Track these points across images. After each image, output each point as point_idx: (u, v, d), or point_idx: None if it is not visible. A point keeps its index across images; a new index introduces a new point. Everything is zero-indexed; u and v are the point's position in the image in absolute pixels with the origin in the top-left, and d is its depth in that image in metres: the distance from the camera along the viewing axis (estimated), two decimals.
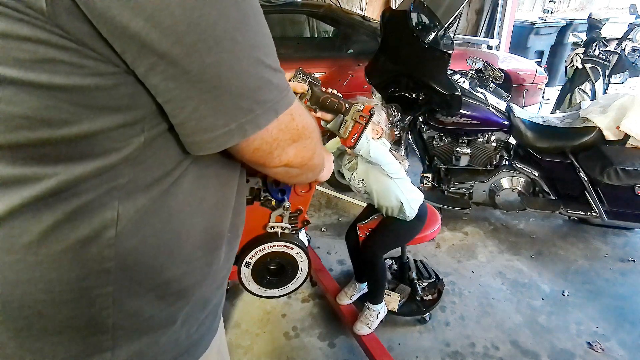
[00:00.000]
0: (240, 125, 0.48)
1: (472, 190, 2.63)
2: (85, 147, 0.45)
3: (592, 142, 2.29)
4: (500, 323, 1.97)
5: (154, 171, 0.50)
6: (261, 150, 0.53)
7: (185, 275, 0.57)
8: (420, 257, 2.33)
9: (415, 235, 1.72)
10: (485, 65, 2.65)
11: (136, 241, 0.50)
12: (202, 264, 0.60)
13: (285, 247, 1.35)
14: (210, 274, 0.62)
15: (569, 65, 3.99)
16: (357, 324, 1.75)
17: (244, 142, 0.50)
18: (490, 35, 5.89)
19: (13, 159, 0.43)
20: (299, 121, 0.55)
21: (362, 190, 1.64)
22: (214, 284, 0.65)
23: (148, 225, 0.51)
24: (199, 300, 0.62)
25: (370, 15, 5.03)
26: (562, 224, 2.79)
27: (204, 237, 0.58)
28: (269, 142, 0.53)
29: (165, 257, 0.54)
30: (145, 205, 0.50)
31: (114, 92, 0.43)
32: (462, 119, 2.40)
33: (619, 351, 1.82)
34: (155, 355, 0.58)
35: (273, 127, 0.51)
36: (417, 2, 2.33)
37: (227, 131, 0.48)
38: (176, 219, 0.53)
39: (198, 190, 0.56)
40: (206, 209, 0.58)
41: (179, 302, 0.58)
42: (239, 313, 2.02)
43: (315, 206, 3.00)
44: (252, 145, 0.52)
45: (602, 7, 8.33)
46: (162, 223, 0.52)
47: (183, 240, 0.55)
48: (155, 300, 0.55)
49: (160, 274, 0.54)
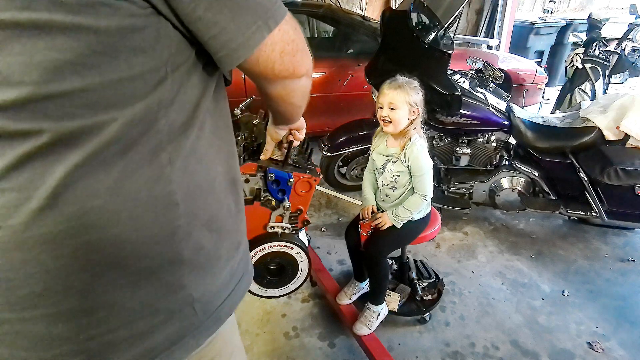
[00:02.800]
0: (265, 21, 0.53)
1: (472, 190, 2.63)
2: (129, 90, 0.48)
3: (592, 142, 2.28)
4: (500, 323, 1.97)
5: (183, 114, 0.54)
6: (286, 53, 0.58)
7: (221, 212, 0.64)
8: (420, 257, 2.33)
9: (418, 235, 1.72)
10: (485, 65, 2.65)
11: (187, 179, 0.56)
12: (230, 204, 0.67)
13: (286, 247, 1.35)
14: (237, 215, 0.70)
15: (569, 65, 3.99)
16: (357, 324, 1.75)
17: (269, 46, 0.55)
18: (490, 35, 5.90)
19: (72, 107, 0.45)
20: (299, 30, 0.61)
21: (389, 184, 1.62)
22: (241, 226, 0.73)
23: (190, 165, 0.56)
24: (234, 239, 0.69)
25: (370, 15, 5.03)
26: (562, 224, 2.79)
27: (227, 179, 0.66)
28: (289, 42, 0.58)
29: (207, 194, 0.60)
30: (185, 147, 0.55)
31: (144, 33, 0.47)
32: (462, 119, 2.40)
33: (619, 351, 1.82)
34: (215, 290, 0.65)
35: (288, 28, 0.57)
36: (417, 2, 2.33)
37: (256, 28, 0.53)
38: (206, 162, 0.60)
39: (215, 139, 0.62)
40: (223, 156, 0.65)
41: (221, 238, 0.64)
42: (239, 313, 2.02)
43: (315, 206, 3.00)
44: (277, 49, 0.57)
45: (602, 7, 8.32)
46: (200, 164, 0.58)
47: (215, 181, 0.62)
48: (208, 234, 0.61)
49: (207, 210, 0.61)
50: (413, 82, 1.55)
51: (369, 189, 1.75)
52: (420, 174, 1.55)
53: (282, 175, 1.34)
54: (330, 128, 2.96)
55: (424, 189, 1.57)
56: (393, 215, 1.61)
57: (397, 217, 1.60)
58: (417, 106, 1.52)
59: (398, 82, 1.51)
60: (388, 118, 1.51)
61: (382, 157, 1.63)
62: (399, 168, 1.57)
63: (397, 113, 1.50)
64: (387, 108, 1.51)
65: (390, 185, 1.62)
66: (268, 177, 1.32)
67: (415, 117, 1.53)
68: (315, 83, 3.33)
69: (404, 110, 1.50)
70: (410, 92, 1.49)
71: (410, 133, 1.54)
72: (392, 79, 1.54)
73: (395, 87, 1.50)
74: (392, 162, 1.59)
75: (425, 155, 1.55)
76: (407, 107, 1.50)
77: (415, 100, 1.50)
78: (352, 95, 3.39)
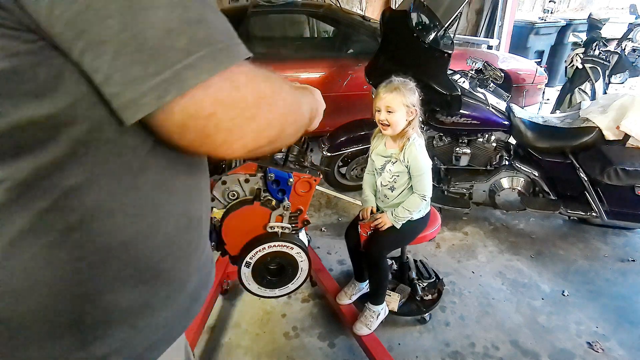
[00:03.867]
0: (176, 75, 0.38)
1: (472, 190, 2.63)
2: (21, 141, 0.39)
3: (592, 142, 2.28)
4: (500, 323, 1.97)
5: (113, 162, 0.45)
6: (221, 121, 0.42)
7: (161, 259, 0.55)
8: (420, 257, 2.33)
9: (417, 235, 1.73)
10: (485, 65, 2.65)
11: (110, 234, 0.47)
12: (182, 244, 0.57)
13: (286, 247, 1.35)
14: (191, 255, 0.61)
15: (569, 65, 3.99)
16: (357, 324, 1.75)
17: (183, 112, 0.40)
18: (490, 35, 5.90)
19: None
20: (260, 82, 0.45)
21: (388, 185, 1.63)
22: (194, 263, 0.63)
23: (120, 215, 0.47)
24: (175, 285, 0.59)
25: (370, 15, 5.03)
26: (562, 224, 2.79)
27: (184, 219, 0.56)
28: (229, 105, 0.42)
29: (139, 244, 0.51)
30: (113, 198, 0.46)
31: (35, 73, 0.38)
32: (462, 119, 2.40)
33: (619, 351, 1.82)
34: (135, 342, 0.56)
35: (230, 84, 0.42)
36: (417, 2, 2.33)
37: (160, 82, 0.38)
38: (149, 206, 0.50)
39: (169, 179, 0.52)
40: (181, 196, 0.54)
41: (155, 287, 0.55)
42: (239, 313, 2.02)
43: (315, 206, 3.00)
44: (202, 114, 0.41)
45: (602, 7, 8.34)
46: (136, 210, 0.49)
47: (160, 225, 0.52)
48: (135, 286, 0.53)
49: (134, 263, 0.52)
50: (409, 82, 1.54)
51: (369, 190, 1.75)
52: (419, 173, 1.55)
53: (282, 175, 1.34)
54: (330, 128, 2.96)
55: (423, 188, 1.57)
56: (392, 216, 1.61)
57: (396, 218, 1.61)
58: (415, 107, 1.52)
59: (394, 84, 1.51)
60: (386, 121, 1.52)
61: (381, 158, 1.63)
62: (398, 168, 1.58)
63: (394, 116, 1.50)
64: (385, 111, 1.51)
65: (389, 186, 1.62)
66: (268, 177, 1.32)
67: (413, 118, 1.53)
68: (315, 83, 3.34)
69: (401, 113, 1.50)
70: (406, 93, 1.49)
71: (408, 133, 1.54)
72: (388, 82, 1.54)
73: (391, 90, 1.50)
74: (392, 163, 1.59)
75: (424, 155, 1.55)
76: (405, 108, 1.50)
77: (412, 101, 1.50)
78: (352, 95, 3.39)
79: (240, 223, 1.32)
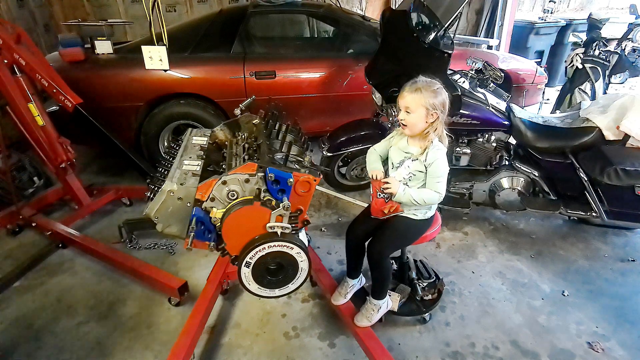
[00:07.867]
0: None
1: (472, 190, 2.63)
2: None
3: (592, 142, 2.29)
4: (500, 323, 1.97)
5: None
6: None
7: None
8: (420, 257, 2.33)
9: (422, 234, 1.72)
10: (485, 65, 2.65)
11: None
12: None
13: (286, 247, 1.35)
14: None
15: (569, 65, 4.00)
16: (358, 316, 1.75)
17: None
18: (490, 35, 5.90)
19: None
20: None
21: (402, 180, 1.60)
22: None
23: None
24: None
25: (370, 15, 5.03)
26: (562, 224, 2.79)
27: None
28: None
29: None
30: None
31: None
32: (462, 119, 2.40)
33: (619, 351, 1.82)
34: None
35: None
36: (417, 2, 2.33)
37: None
38: None
39: None
40: None
41: None
42: (239, 313, 2.02)
43: (315, 206, 3.00)
44: None
45: (602, 7, 8.33)
46: None
47: None
48: None
49: None
50: (435, 84, 1.51)
51: (375, 157, 1.70)
52: (437, 177, 1.54)
53: (282, 175, 1.34)
54: (330, 128, 2.96)
55: (438, 189, 1.56)
56: (403, 191, 1.56)
57: (405, 193, 1.55)
58: (436, 110, 1.48)
59: (417, 85, 1.49)
60: (404, 121, 1.51)
61: (401, 153, 1.61)
62: (417, 167, 1.56)
63: (412, 117, 1.49)
64: (404, 111, 1.50)
65: (404, 182, 1.61)
66: (268, 177, 1.32)
67: (434, 120, 1.50)
68: (315, 83, 3.34)
69: (419, 114, 1.48)
70: (428, 95, 1.47)
71: (431, 136, 1.52)
72: (412, 81, 1.52)
73: (413, 90, 1.48)
74: (412, 160, 1.57)
75: (445, 161, 1.54)
76: (424, 110, 1.47)
77: (433, 103, 1.47)
78: (352, 95, 3.39)
79: (240, 223, 1.32)
